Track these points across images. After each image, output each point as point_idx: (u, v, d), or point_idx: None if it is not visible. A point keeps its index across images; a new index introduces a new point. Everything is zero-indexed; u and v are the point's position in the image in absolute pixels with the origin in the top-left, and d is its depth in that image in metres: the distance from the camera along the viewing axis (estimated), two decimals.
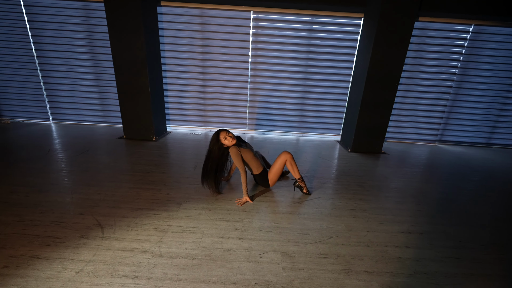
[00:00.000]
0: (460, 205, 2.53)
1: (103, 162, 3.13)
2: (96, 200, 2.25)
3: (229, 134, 2.31)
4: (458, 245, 1.88)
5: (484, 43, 4.32)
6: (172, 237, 1.80)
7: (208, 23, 4.33)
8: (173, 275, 1.47)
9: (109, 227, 1.88)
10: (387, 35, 3.51)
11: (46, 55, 4.52)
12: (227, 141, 2.28)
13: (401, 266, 1.64)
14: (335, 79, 4.58)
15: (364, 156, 3.96)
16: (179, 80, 4.66)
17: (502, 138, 4.93)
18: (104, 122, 4.95)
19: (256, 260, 1.62)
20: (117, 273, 1.46)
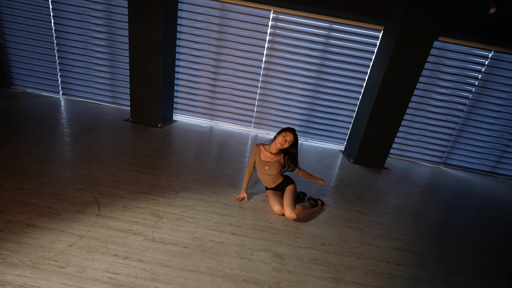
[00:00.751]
0: (457, 230, 2.50)
1: (107, 142, 3.16)
2: (96, 178, 2.27)
3: (286, 139, 2.06)
4: (450, 269, 1.86)
5: (502, 71, 4.27)
6: (166, 224, 1.81)
7: (227, 18, 4.33)
8: (163, 260, 1.47)
9: (106, 205, 1.89)
10: (405, 50, 3.48)
11: (64, 30, 4.57)
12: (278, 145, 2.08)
13: (391, 282, 1.63)
14: (347, 88, 4.56)
15: (365, 168, 3.93)
16: (191, 71, 4.67)
17: (507, 168, 4.86)
18: (112, 103, 4.99)
19: (246, 257, 1.63)
20: (108, 251, 1.47)
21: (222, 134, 4.44)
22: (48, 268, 1.30)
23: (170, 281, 1.34)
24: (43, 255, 1.37)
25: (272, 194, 2.27)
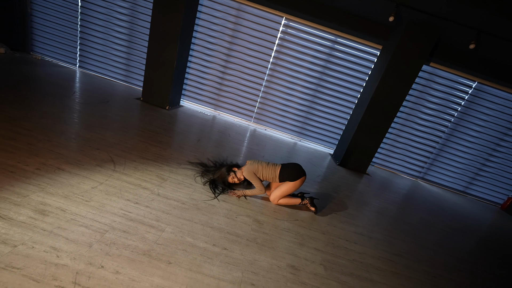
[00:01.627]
0: (414, 229, 2.90)
1: (120, 115, 3.50)
2: (111, 142, 2.62)
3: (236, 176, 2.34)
4: (397, 253, 2.26)
5: (483, 100, 4.69)
6: (169, 185, 2.17)
7: (242, 18, 4.69)
8: (165, 209, 1.84)
9: (120, 164, 2.25)
10: (397, 70, 3.87)
11: (90, 7, 4.88)
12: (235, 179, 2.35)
13: (345, 253, 2.01)
14: (343, 97, 4.95)
15: (349, 171, 4.33)
16: (202, 62, 5.02)
17: (478, 190, 5.30)
18: (125, 81, 5.32)
19: (232, 218, 2.00)
20: (122, 196, 1.83)
21: (223, 124, 4.80)
22: (76, 200, 1.66)
23: (170, 223, 1.71)
24: (72, 190, 1.73)
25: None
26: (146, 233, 1.56)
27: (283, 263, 1.69)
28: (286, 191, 2.33)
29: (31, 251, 1.23)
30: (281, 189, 2.34)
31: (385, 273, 1.93)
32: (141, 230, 1.57)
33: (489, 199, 5.36)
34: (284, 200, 2.39)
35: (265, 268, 1.60)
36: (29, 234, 1.31)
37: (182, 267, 1.40)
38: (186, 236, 1.65)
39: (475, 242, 3.10)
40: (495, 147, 4.97)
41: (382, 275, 1.89)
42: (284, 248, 1.84)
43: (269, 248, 1.79)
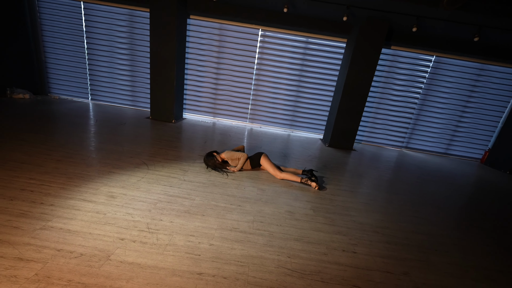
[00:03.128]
0: (391, 183, 3.55)
1: (137, 131, 4.22)
2: (139, 152, 3.32)
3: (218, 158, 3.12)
4: (372, 198, 2.91)
5: (444, 70, 5.37)
6: (190, 174, 2.85)
7: (225, 35, 5.45)
8: (192, 188, 2.52)
9: (151, 165, 2.94)
10: (360, 58, 4.58)
11: (94, 47, 5.67)
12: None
13: (330, 202, 2.67)
14: (322, 88, 5.66)
15: (337, 150, 4.99)
16: (196, 77, 5.77)
17: (458, 150, 5.92)
18: (133, 106, 6.07)
19: (241, 189, 2.67)
20: (160, 183, 2.52)
21: (223, 128, 5.50)
22: (130, 188, 2.34)
23: (198, 195, 2.39)
24: (125, 183, 2.42)
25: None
26: (183, 202, 2.24)
27: (282, 210, 2.35)
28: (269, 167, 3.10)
29: (116, 215, 1.91)
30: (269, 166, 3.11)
31: (360, 211, 2.58)
32: (179, 200, 2.25)
33: (469, 156, 5.97)
34: (284, 175, 3.04)
35: (269, 213, 2.26)
36: (109, 208, 1.99)
37: (212, 216, 2.07)
38: (211, 201, 2.32)
39: (443, 187, 3.73)
40: (463, 108, 5.62)
41: (358, 212, 2.54)
42: (282, 202, 2.51)
43: (271, 203, 2.46)
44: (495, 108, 5.58)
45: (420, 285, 1.66)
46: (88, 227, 1.72)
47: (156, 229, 1.81)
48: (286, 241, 1.90)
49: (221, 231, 1.89)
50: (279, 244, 1.85)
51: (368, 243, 2.03)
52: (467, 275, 1.83)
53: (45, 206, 1.87)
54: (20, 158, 2.60)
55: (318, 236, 2.03)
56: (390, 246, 2.03)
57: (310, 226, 2.16)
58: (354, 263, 1.76)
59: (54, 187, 2.16)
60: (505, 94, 5.46)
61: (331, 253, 1.83)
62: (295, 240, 1.92)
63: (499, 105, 5.55)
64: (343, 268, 1.70)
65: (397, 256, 1.92)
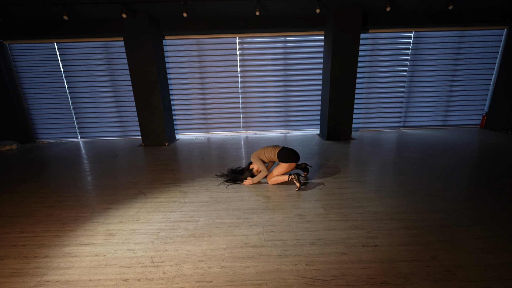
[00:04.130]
0: (397, 165, 3.45)
1: (131, 162, 4.10)
2: (135, 182, 3.20)
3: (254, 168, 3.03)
4: (382, 184, 2.80)
5: (425, 44, 5.38)
6: (191, 194, 2.73)
7: (204, 49, 5.44)
8: (194, 209, 2.39)
9: (149, 193, 2.82)
10: (341, 46, 4.56)
11: (75, 85, 5.62)
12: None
13: (339, 196, 2.56)
14: (310, 83, 5.62)
15: (336, 142, 4.90)
16: (183, 96, 5.72)
17: (455, 119, 5.87)
18: (123, 136, 5.97)
19: (245, 200, 2.55)
20: (160, 211, 2.39)
21: (218, 141, 5.41)
22: (129, 221, 2.22)
23: (201, 216, 2.26)
24: (123, 217, 2.29)
25: None
26: (186, 225, 2.11)
27: (292, 214, 2.23)
28: (278, 172, 2.85)
29: (116, 254, 1.77)
30: (274, 171, 2.89)
31: (372, 199, 2.46)
32: (182, 225, 2.12)
33: (468, 124, 5.92)
34: (274, 179, 2.87)
35: (279, 221, 2.14)
36: (108, 247, 1.86)
37: (219, 236, 1.95)
38: (216, 219, 2.19)
39: (450, 159, 3.64)
40: (452, 77, 5.61)
41: (370, 201, 2.43)
42: (290, 206, 2.39)
43: (279, 209, 2.34)
44: (483, 72, 5.57)
45: (452, 268, 1.53)
46: (87, 273, 1.59)
47: (162, 261, 1.67)
48: (302, 247, 1.77)
49: (231, 250, 1.76)
50: (295, 252, 1.72)
51: (387, 233, 1.91)
52: (498, 247, 1.71)
53: (39, 259, 1.74)
54: (11, 212, 2.47)
55: (334, 235, 1.90)
56: (411, 232, 1.91)
57: (324, 226, 2.03)
58: (377, 258, 1.64)
59: (48, 236, 2.02)
60: (489, 56, 5.46)
61: (351, 251, 1.70)
62: (311, 244, 1.80)
63: (487, 67, 5.54)
64: (367, 265, 1.57)
65: (420, 241, 1.80)
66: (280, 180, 2.87)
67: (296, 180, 2.74)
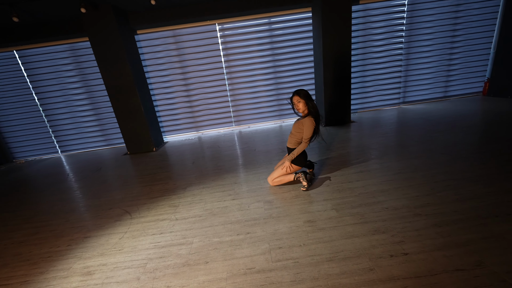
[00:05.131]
0: (405, 147, 3.15)
1: (116, 174, 3.72)
2: (119, 199, 2.84)
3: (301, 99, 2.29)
4: (396, 172, 2.50)
5: (420, 11, 4.97)
6: (182, 208, 2.39)
7: (182, 41, 4.94)
8: (187, 227, 2.06)
9: (134, 212, 2.47)
10: (332, 22, 4.13)
11: (46, 96, 5.10)
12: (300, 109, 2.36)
13: (350, 192, 2.25)
14: (301, 66, 5.21)
15: (335, 127, 4.58)
16: (166, 95, 5.26)
17: (456, 89, 5.58)
18: (108, 145, 5.54)
19: (245, 209, 2.23)
20: (148, 233, 2.05)
21: (210, 140, 5.03)
22: (111, 253, 1.88)
23: (195, 235, 1.93)
24: (104, 248, 1.95)
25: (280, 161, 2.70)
26: (179, 251, 1.78)
27: (300, 222, 1.92)
28: (280, 173, 2.47)
29: None
30: (275, 172, 2.51)
31: (388, 192, 2.16)
32: (174, 250, 1.79)
33: (470, 92, 5.63)
34: (278, 179, 2.50)
35: (286, 232, 1.82)
36: None
37: (218, 261, 1.63)
38: (213, 238, 1.87)
39: (463, 134, 3.35)
40: (451, 45, 5.25)
41: (386, 194, 2.13)
42: (297, 211, 2.07)
43: (284, 216, 2.02)
44: (483, 35, 5.22)
45: (505, 275, 1.25)
46: None
47: None
48: (318, 265, 1.47)
49: (233, 280, 1.45)
50: (311, 274, 1.41)
51: (415, 234, 1.61)
52: None
53: None
54: None
55: (353, 244, 1.60)
56: (443, 230, 1.62)
57: (340, 233, 1.73)
58: (411, 271, 1.34)
59: (13, 284, 1.68)
60: (489, 17, 5.10)
61: (379, 266, 1.41)
62: (328, 261, 1.49)
63: (486, 30, 5.19)
64: (402, 283, 1.28)
65: (457, 241, 1.51)
66: (285, 180, 2.51)
67: (303, 179, 2.41)
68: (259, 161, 3.39)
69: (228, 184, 2.80)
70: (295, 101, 2.37)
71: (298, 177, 2.44)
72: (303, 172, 2.45)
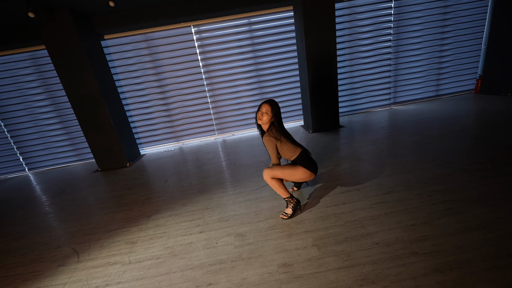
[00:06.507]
0: (397, 157, 2.84)
1: (79, 197, 3.31)
2: (73, 232, 2.44)
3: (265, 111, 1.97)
4: (387, 191, 2.18)
5: (408, 7, 4.71)
6: (140, 246, 2.02)
7: (155, 45, 4.55)
8: (139, 275, 1.69)
9: (84, 251, 2.08)
10: (314, 20, 3.82)
11: (7, 110, 4.64)
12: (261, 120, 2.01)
13: (336, 220, 1.91)
14: (285, 69, 4.88)
15: (323, 134, 4.26)
16: (141, 104, 4.86)
17: (448, 88, 5.34)
18: (79, 160, 5.10)
19: (212, 246, 1.87)
20: (90, 285, 1.67)
21: (191, 151, 4.65)
22: None
23: (146, 285, 1.57)
24: None
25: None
26: None
27: (274, 266, 1.57)
28: (286, 175, 1.99)
29: None
30: (276, 169, 2.00)
31: (379, 219, 1.84)
32: None
33: (462, 90, 5.41)
34: (276, 184, 2.01)
35: (256, 282, 1.47)
36: None
37: None
38: None
39: (459, 139, 3.07)
40: (441, 42, 5.01)
41: (377, 223, 1.80)
42: (272, 249, 1.73)
43: (256, 257, 1.67)
44: (473, 31, 4.99)
45: None
46: None
47: None
48: None
49: None
50: None
51: (413, 286, 1.28)
52: None
53: None
54: None
55: None
56: (445, 279, 1.30)
57: (320, 283, 1.39)
58: None
59: None
60: (479, 12, 4.87)
61: None
62: None
63: (476, 25, 4.96)
64: None
65: None
66: (279, 189, 2.02)
67: (291, 207, 2.03)
68: (238, 179, 3.03)
69: (199, 210, 2.44)
70: (263, 109, 1.99)
71: (288, 200, 2.05)
72: (298, 201, 2.06)
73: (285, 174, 1.99)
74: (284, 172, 1.99)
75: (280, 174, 1.99)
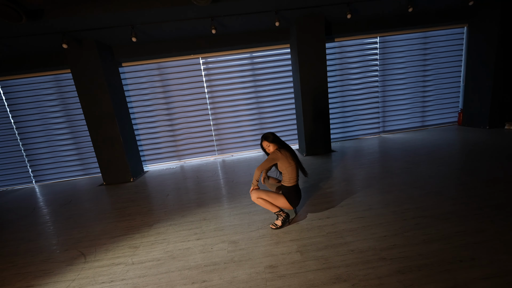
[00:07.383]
0: (380, 179, 3.13)
1: (84, 208, 3.53)
2: (79, 237, 2.65)
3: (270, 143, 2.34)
4: (366, 208, 2.44)
5: (391, 48, 5.34)
6: (142, 250, 2.23)
7: (166, 73, 5.09)
8: (141, 274, 1.90)
9: (91, 254, 2.28)
10: (308, 57, 4.37)
11: (25, 125, 5.03)
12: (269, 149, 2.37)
13: (319, 231, 2.15)
14: (282, 98, 5.37)
15: (316, 157, 4.58)
16: (148, 124, 5.26)
17: (433, 119, 5.78)
18: (85, 175, 5.36)
19: (208, 250, 2.08)
20: (97, 282, 1.87)
21: (191, 169, 4.93)
22: None
23: (147, 284, 1.77)
24: None
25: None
26: None
27: (261, 267, 1.79)
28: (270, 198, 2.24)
29: None
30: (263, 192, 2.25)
31: (357, 231, 2.08)
32: None
33: (446, 122, 5.84)
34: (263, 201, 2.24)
35: (244, 280, 1.68)
36: None
37: None
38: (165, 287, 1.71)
39: (437, 165, 3.38)
40: (424, 78, 5.57)
41: (354, 234, 2.04)
42: (261, 254, 1.95)
43: (246, 260, 1.89)
44: (452, 69, 5.58)
45: None
46: None
47: None
48: None
49: None
50: None
51: (377, 284, 1.51)
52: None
53: None
54: None
55: None
56: (405, 278, 1.52)
57: (299, 281, 1.61)
58: None
59: None
60: (455, 53, 5.50)
61: None
62: None
63: (454, 65, 5.56)
64: None
65: None
66: (267, 205, 2.25)
67: (280, 220, 2.27)
68: (235, 194, 3.29)
69: (197, 221, 2.67)
70: (265, 146, 2.39)
71: (279, 214, 2.29)
72: (287, 215, 2.30)
73: (269, 197, 2.25)
74: (269, 196, 2.25)
75: (265, 196, 2.25)
